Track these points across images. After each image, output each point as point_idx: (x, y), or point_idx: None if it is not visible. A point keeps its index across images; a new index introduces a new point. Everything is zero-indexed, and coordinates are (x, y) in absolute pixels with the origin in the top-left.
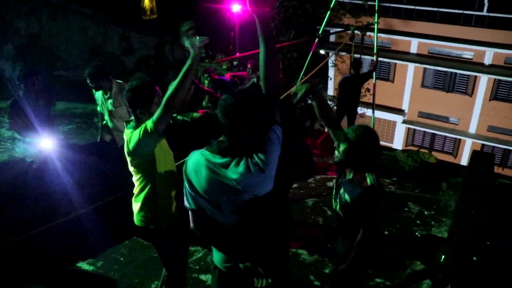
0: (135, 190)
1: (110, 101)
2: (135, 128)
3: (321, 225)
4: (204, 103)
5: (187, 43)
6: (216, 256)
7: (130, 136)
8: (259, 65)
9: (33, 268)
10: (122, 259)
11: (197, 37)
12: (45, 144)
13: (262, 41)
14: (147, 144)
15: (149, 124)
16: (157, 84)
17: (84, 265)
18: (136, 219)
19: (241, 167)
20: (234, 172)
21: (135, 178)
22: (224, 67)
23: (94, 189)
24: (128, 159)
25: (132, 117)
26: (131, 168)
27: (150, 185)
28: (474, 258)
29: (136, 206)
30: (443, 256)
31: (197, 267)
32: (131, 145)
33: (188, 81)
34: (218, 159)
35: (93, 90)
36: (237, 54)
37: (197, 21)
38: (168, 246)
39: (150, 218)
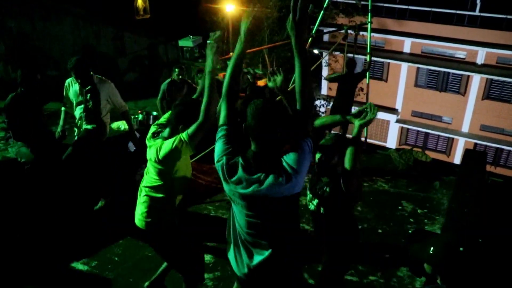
0: (144, 193)
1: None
2: (167, 138)
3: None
4: None
5: (208, 57)
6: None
7: (160, 145)
8: (295, 80)
9: (27, 268)
10: (116, 258)
11: (190, 36)
12: (38, 144)
13: (297, 57)
14: (178, 155)
15: (184, 136)
16: (150, 84)
17: (78, 265)
18: (139, 221)
19: (270, 179)
20: (263, 183)
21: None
22: (218, 66)
23: (88, 189)
24: (152, 165)
25: (167, 129)
26: (150, 173)
27: (164, 193)
28: (461, 249)
29: (141, 207)
30: (431, 248)
31: None
32: (161, 154)
33: (212, 96)
34: (248, 175)
35: (66, 88)
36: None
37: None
38: (169, 248)
39: (153, 222)
